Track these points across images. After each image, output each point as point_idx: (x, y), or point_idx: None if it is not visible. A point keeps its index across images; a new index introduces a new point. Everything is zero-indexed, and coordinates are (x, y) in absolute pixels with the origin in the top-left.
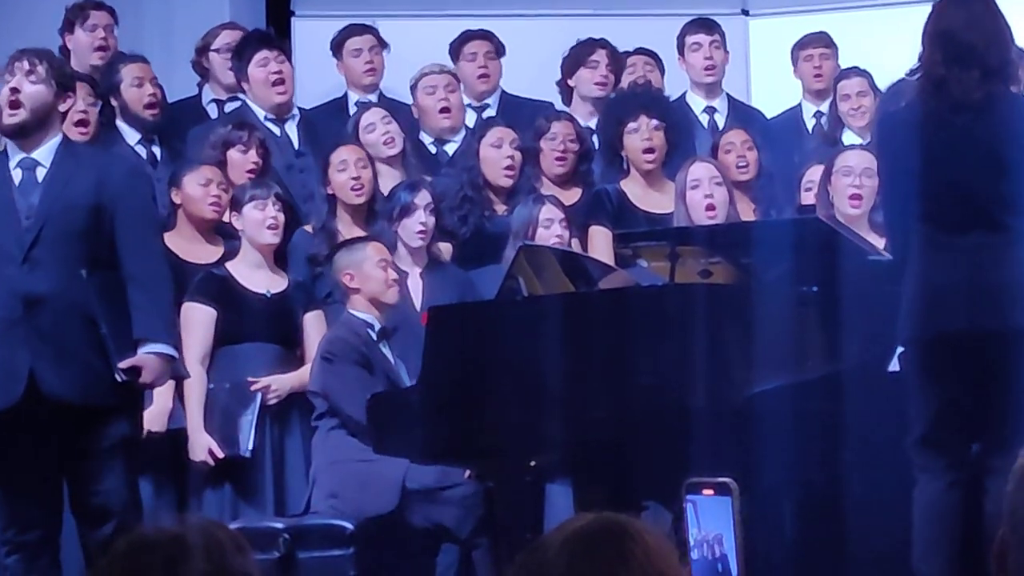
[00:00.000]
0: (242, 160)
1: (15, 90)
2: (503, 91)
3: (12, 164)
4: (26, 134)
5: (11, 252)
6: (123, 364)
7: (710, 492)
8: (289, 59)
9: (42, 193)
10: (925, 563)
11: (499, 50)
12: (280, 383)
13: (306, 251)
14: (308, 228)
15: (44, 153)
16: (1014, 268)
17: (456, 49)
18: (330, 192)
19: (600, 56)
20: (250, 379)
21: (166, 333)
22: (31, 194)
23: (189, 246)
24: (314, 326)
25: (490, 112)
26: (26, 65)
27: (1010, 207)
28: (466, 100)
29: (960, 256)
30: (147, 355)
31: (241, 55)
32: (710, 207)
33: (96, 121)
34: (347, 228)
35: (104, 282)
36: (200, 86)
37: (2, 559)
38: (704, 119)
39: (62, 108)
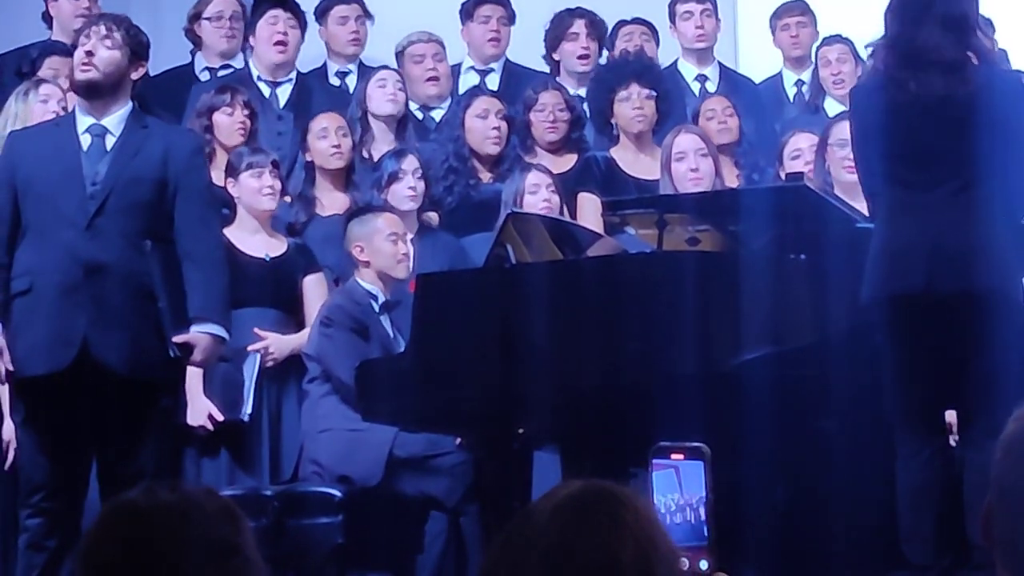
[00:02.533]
0: (229, 122)
1: (90, 53)
2: (507, 59)
3: (81, 129)
4: (97, 95)
5: (73, 217)
6: (178, 339)
7: (680, 456)
8: (301, 26)
9: (111, 162)
10: (911, 547)
11: (511, 17)
12: (279, 344)
13: (284, 221)
14: (286, 198)
15: (114, 121)
16: (979, 230)
17: (470, 10)
18: (309, 159)
19: (579, 27)
20: (251, 346)
21: (220, 314)
22: (99, 161)
23: None
24: (314, 289)
25: (493, 78)
26: (103, 30)
27: (976, 170)
28: (470, 63)
29: (925, 218)
30: (201, 334)
31: (255, 10)
32: (695, 179)
33: None
34: (325, 195)
35: (164, 256)
36: (193, 54)
37: (23, 521)
38: (695, 87)
39: (134, 76)
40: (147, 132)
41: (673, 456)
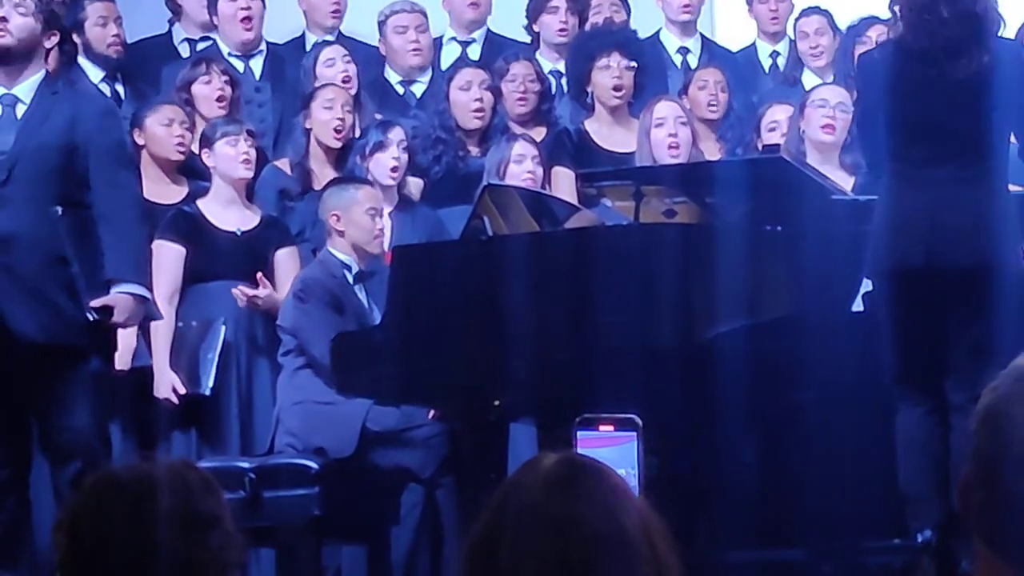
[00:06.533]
0: (208, 91)
1: (3, 19)
2: (489, 30)
3: None
4: (9, 62)
5: None
6: (94, 303)
7: (610, 428)
8: None
9: (19, 130)
10: (911, 486)
11: None
12: (271, 297)
13: (276, 186)
14: (278, 164)
15: (25, 89)
16: (980, 205)
17: None
18: (308, 127)
19: (559, 1)
20: (241, 287)
21: (137, 273)
22: (7, 131)
23: (154, 187)
24: (286, 264)
25: (475, 48)
26: None
27: (979, 146)
28: (451, 33)
29: (928, 192)
30: (119, 295)
31: None
32: (673, 146)
33: (56, 58)
34: (320, 167)
35: (76, 221)
36: (171, 23)
37: None
38: (678, 59)
39: (47, 44)
40: (56, 98)
41: (602, 427)
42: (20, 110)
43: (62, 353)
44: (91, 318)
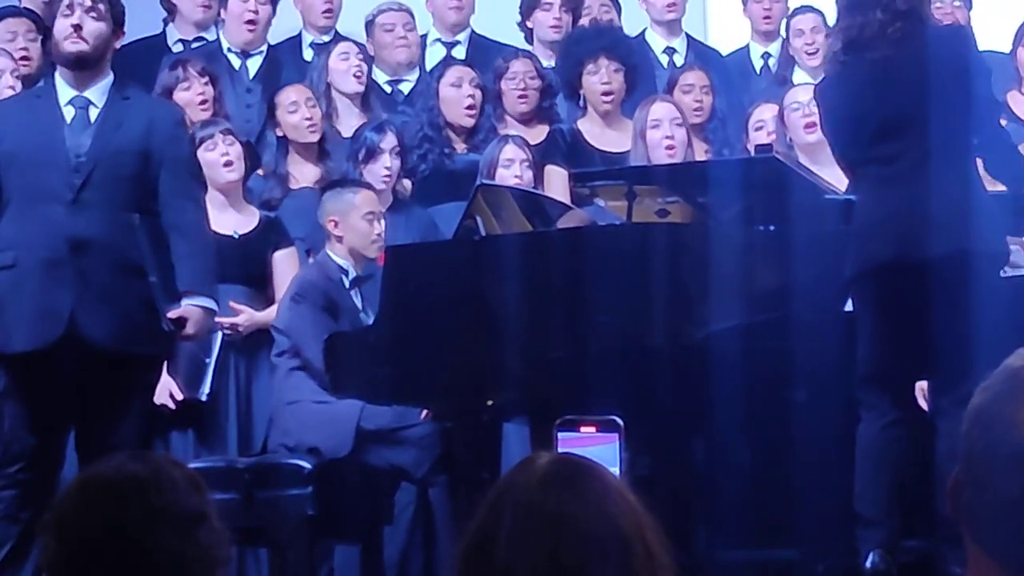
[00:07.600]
0: (190, 96)
1: (78, 27)
2: (473, 31)
3: (63, 101)
4: (83, 67)
5: (58, 191)
6: (172, 314)
7: (592, 429)
8: (273, 2)
9: (95, 134)
10: (863, 502)
11: None
12: (250, 320)
13: (259, 196)
14: (260, 172)
15: (97, 93)
16: (952, 194)
17: None
18: (280, 135)
19: None
20: (219, 318)
21: (209, 287)
22: (82, 134)
23: None
24: (283, 265)
25: (460, 50)
26: (87, 2)
27: (934, 135)
28: (436, 35)
29: (893, 191)
30: (192, 307)
31: None
32: (670, 147)
33: (39, 55)
34: (298, 168)
35: (154, 229)
36: (165, 23)
37: None
38: (664, 59)
39: (116, 46)
40: (129, 103)
41: (583, 429)
42: (92, 113)
43: (127, 362)
44: (166, 328)
